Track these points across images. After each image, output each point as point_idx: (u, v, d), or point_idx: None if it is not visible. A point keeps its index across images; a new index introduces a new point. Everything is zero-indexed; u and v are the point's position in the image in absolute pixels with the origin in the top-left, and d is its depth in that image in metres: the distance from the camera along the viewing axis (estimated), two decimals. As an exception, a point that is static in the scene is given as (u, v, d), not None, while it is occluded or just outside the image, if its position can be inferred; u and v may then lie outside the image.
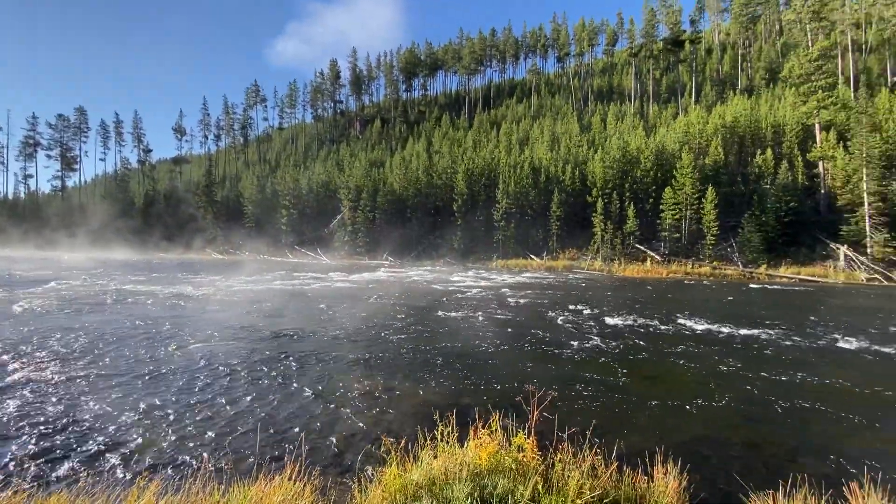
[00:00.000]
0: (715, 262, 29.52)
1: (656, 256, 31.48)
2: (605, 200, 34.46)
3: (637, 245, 32.77)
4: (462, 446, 3.91)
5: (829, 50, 39.26)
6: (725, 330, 11.13)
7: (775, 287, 22.69)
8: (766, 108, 39.89)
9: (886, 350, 9.26)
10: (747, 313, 13.93)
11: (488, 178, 41.02)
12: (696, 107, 47.18)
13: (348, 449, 4.83)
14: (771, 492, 3.52)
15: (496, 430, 4.14)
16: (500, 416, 4.32)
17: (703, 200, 30.92)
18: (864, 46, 51.13)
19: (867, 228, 27.03)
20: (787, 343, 9.83)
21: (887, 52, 47.80)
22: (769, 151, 33.91)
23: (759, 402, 6.26)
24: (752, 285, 23.51)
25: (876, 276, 25.47)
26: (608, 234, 32.97)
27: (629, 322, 12.14)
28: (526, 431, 3.96)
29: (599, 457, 3.79)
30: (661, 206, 32.44)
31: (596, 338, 10.14)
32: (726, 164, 35.80)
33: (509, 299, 16.73)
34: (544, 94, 66.06)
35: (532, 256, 35.62)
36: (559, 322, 12.20)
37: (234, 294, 17.36)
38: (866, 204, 27.35)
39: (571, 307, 14.77)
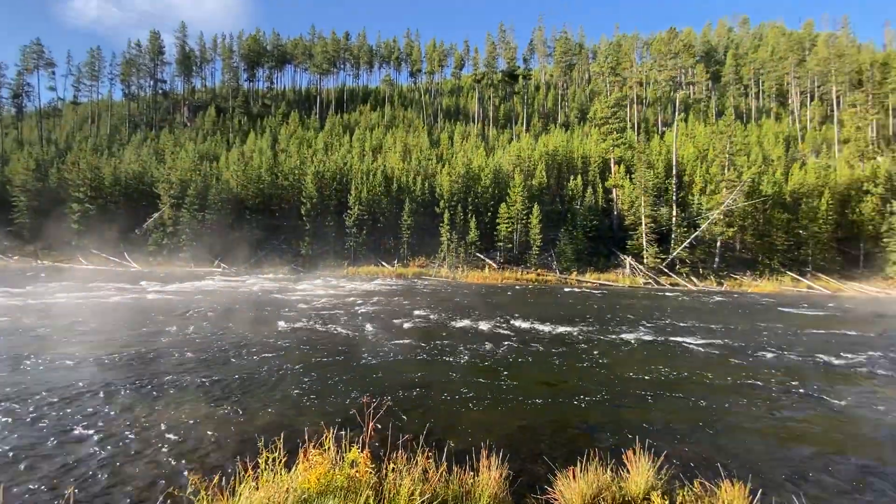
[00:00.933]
0: (539, 270, 33.94)
1: (493, 264, 34.72)
2: (452, 212, 36.69)
3: (478, 254, 35.66)
4: (291, 471, 3.56)
5: (621, 100, 49.19)
6: (545, 328, 12.72)
7: (583, 290, 27.10)
8: (578, 142, 47.85)
9: (655, 338, 11.74)
10: (560, 313, 16.23)
11: (340, 182, 39.89)
12: (527, 135, 54.00)
13: (146, 498, 3.93)
14: (571, 468, 3.99)
15: (329, 448, 3.88)
16: (334, 432, 4.06)
17: (531, 216, 35.36)
18: (644, 100, 65.46)
19: (644, 243, 34.42)
20: (589, 337, 11.70)
21: (659, 107, 62.21)
22: (579, 178, 40.66)
23: (565, 390, 7.21)
24: (566, 289, 27.65)
25: (650, 280, 32.54)
26: (454, 244, 35.12)
27: (468, 325, 12.95)
28: (360, 445, 3.79)
29: (431, 460, 3.83)
30: (497, 220, 35.99)
31: (439, 342, 10.51)
32: (548, 185, 41.67)
33: (358, 308, 16.35)
34: (397, 105, 67.57)
35: (384, 264, 35.75)
36: (405, 328, 12.34)
37: (-16, 312, 13.09)
38: (643, 224, 34.82)
39: (418, 313, 15.13)
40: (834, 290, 31.76)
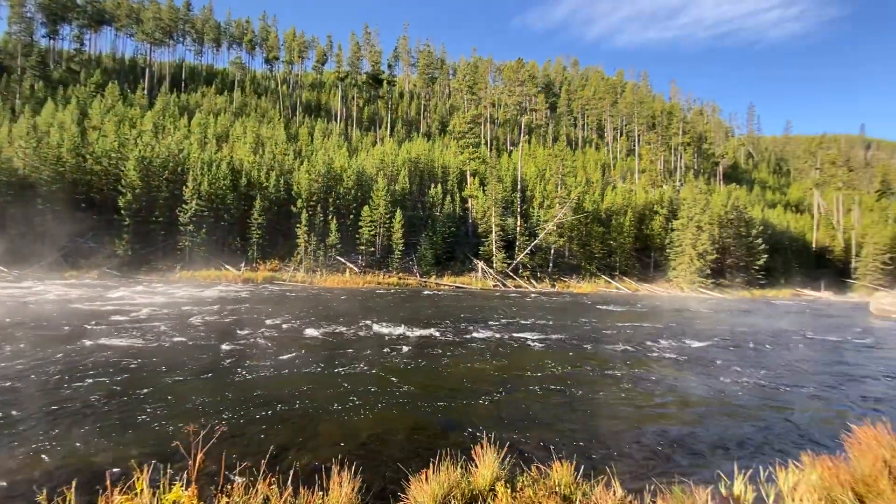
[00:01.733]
0: (400, 273, 34.41)
1: (355, 268, 34.01)
2: (310, 213, 34.81)
3: (338, 257, 34.51)
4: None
5: (477, 117, 53.22)
6: (405, 331, 12.84)
7: (441, 293, 28.33)
8: (439, 152, 50.17)
9: (503, 336, 12.81)
10: (420, 316, 16.64)
11: (174, 172, 34.40)
12: (391, 140, 54.58)
13: None
14: (424, 470, 3.99)
15: (142, 490, 3.16)
16: (149, 470, 3.34)
17: (393, 220, 35.69)
18: (496, 120, 71.92)
19: (494, 249, 37.64)
20: (446, 337, 12.19)
21: (508, 128, 69.02)
22: (439, 186, 42.60)
23: (423, 392, 7.32)
24: (425, 292, 28.57)
25: (498, 283, 35.67)
26: (312, 246, 33.33)
27: (325, 333, 12.31)
28: (185, 481, 3.20)
29: (274, 486, 3.44)
30: (360, 223, 35.40)
31: (288, 353, 9.72)
32: (411, 191, 42.68)
33: (194, 319, 14.18)
34: (249, 92, 61.60)
35: (227, 267, 31.94)
36: (249, 340, 11.12)
37: None
38: (493, 232, 38.08)
39: (269, 322, 13.83)
40: (633, 290, 39.29)
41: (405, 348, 10.82)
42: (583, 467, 4.19)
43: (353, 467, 3.82)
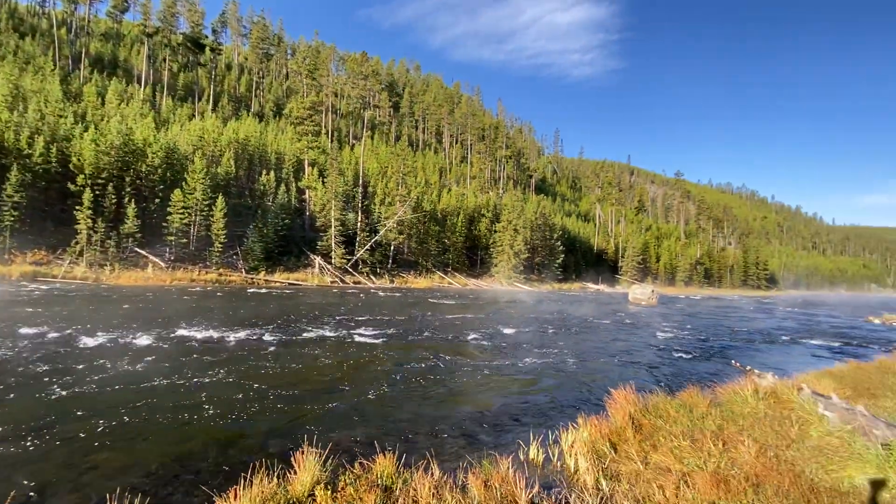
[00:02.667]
0: (221, 269, 30.48)
1: (160, 262, 28.75)
2: (98, 192, 28.03)
3: (138, 249, 28.69)
4: None
5: (318, 105, 50.60)
6: (222, 335, 11.36)
7: (271, 291, 26.10)
8: (273, 136, 46.11)
9: (338, 334, 12.43)
10: (242, 317, 14.99)
11: None
12: (213, 115, 47.83)
13: None
14: (233, 488, 3.56)
15: None
16: None
17: (214, 208, 31.37)
18: (339, 111, 69.67)
19: (333, 244, 36.44)
20: (273, 339, 11.23)
21: (350, 120, 67.56)
22: (272, 174, 39.18)
23: (237, 401, 6.54)
24: (251, 290, 25.93)
25: (336, 279, 34.67)
26: (99, 234, 26.91)
27: (108, 343, 10.06)
28: None
29: None
30: (169, 209, 30.03)
31: (56, 373, 7.60)
32: (237, 177, 38.20)
33: None
34: (6, 28, 46.43)
35: (-43, 258, 23.43)
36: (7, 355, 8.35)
37: None
38: (333, 226, 36.86)
39: (25, 332, 10.60)
40: (463, 285, 42.90)
41: (223, 354, 9.62)
42: (404, 457, 4.35)
43: (142, 499, 3.20)
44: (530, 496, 3.75)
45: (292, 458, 4.05)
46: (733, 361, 11.11)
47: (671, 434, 5.23)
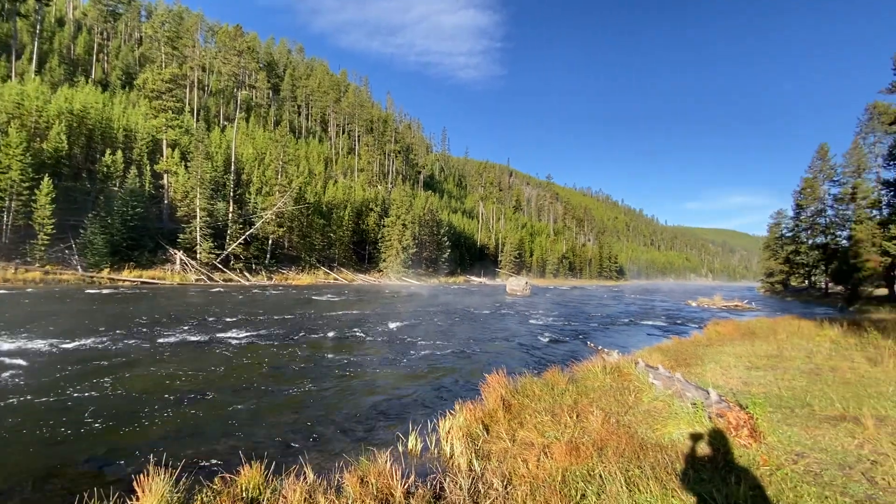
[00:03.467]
0: (49, 266, 25.13)
1: (-45, 257, 22.63)
2: None
3: (-83, 240, 22.16)
4: None
5: (180, 78, 44.43)
6: (46, 347, 9.36)
7: (119, 290, 22.33)
8: (121, 110, 39.31)
9: (202, 339, 11.11)
10: (75, 324, 12.57)
11: None
12: (37, 78, 38.99)
13: None
14: None
15: None
16: None
17: (38, 192, 25.69)
18: (206, 88, 62.15)
19: (198, 237, 32.52)
20: (113, 349, 9.60)
21: (221, 99, 60.77)
22: (119, 154, 33.44)
23: (56, 427, 5.45)
24: (90, 290, 21.88)
25: (203, 276, 31.05)
26: None
27: None
28: None
29: None
30: (-32, 190, 23.74)
31: None
32: (71, 155, 31.77)
33: None
34: None
35: None
36: None
37: None
38: (199, 217, 32.89)
39: None
40: (350, 280, 41.85)
41: (48, 368, 7.95)
42: (274, 464, 4.08)
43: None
44: (406, 486, 3.80)
45: (135, 483, 3.52)
46: (588, 342, 12.69)
47: (535, 411, 5.77)
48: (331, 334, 12.95)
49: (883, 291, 31.75)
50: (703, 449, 4.27)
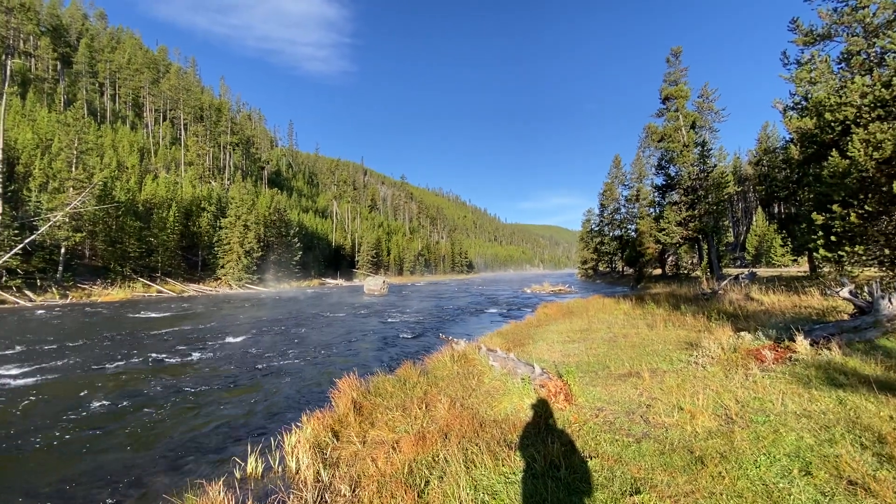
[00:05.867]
0: None
1: None
2: None
3: None
4: None
5: None
6: None
7: None
8: None
9: (-61, 386, 8.24)
10: None
11: None
12: None
13: None
14: None
15: None
16: None
17: None
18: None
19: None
20: None
21: (-26, 67, 46.23)
22: None
23: None
24: None
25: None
26: None
27: None
28: None
29: None
30: None
31: None
32: None
33: None
34: None
35: None
36: None
37: None
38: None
39: None
40: (179, 292, 36.19)
41: None
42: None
43: None
44: (241, 514, 3.44)
45: None
46: (440, 334, 13.37)
47: (387, 408, 5.81)
48: (150, 357, 10.99)
49: (658, 271, 40.84)
50: (529, 417, 4.86)
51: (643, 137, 45.86)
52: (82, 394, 7.86)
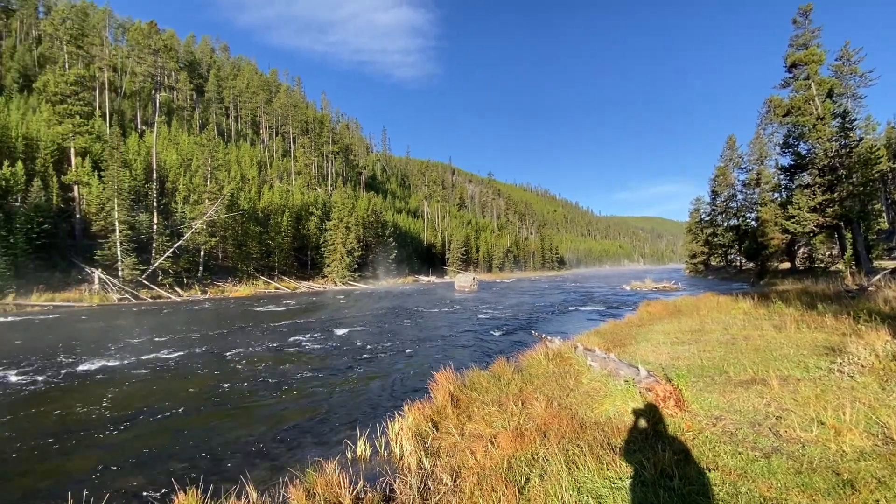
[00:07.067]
0: (-65, 296, 21.95)
1: None
2: None
3: None
4: None
5: (87, 79, 40.44)
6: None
7: (26, 318, 19.98)
8: (19, 116, 35.12)
9: (122, 363, 10.21)
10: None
11: None
12: None
13: None
14: None
15: None
16: None
17: (-86, 211, 22.32)
18: (120, 90, 57.07)
19: (119, 253, 29.84)
20: (25, 383, 8.60)
21: (138, 102, 56.05)
22: (20, 164, 29.84)
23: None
24: (-9, 320, 19.41)
25: (127, 296, 28.54)
26: None
27: None
28: None
29: None
30: None
31: None
32: (-43, 167, 27.90)
33: None
34: None
35: None
36: None
37: None
38: (118, 231, 30.18)
39: None
40: (293, 289, 40.31)
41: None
42: (212, 487, 3.86)
43: None
44: (355, 493, 3.75)
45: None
46: (533, 332, 13.16)
47: (483, 403, 5.89)
48: (272, 345, 12.42)
49: (786, 265, 35.64)
50: (634, 422, 4.58)
51: (763, 113, 40.30)
52: (217, 375, 9.16)
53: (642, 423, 4.53)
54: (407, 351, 11.50)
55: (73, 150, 33.78)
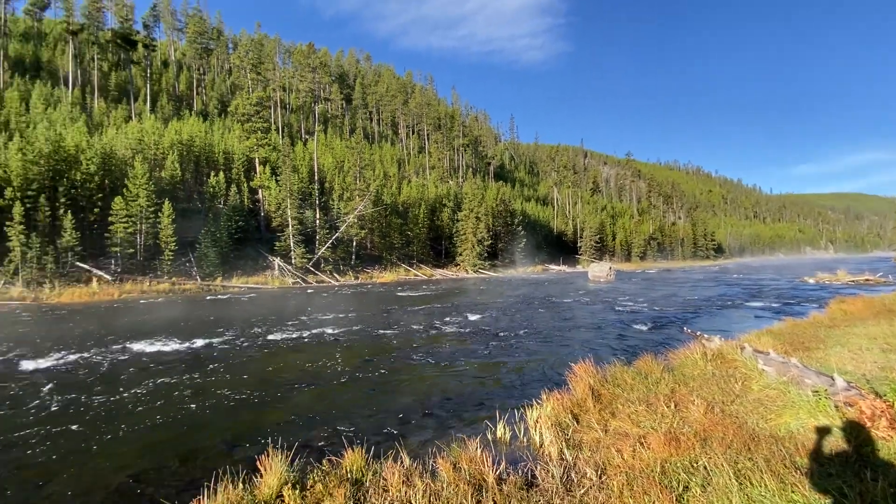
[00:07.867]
0: (174, 278, 29.06)
1: (105, 276, 27.03)
2: (29, 206, 25.90)
3: (79, 263, 26.83)
4: None
5: (265, 100, 48.66)
6: (176, 346, 10.90)
7: (230, 296, 25.19)
8: (219, 136, 44.06)
9: (302, 334, 12.20)
10: (200, 325, 14.42)
11: None
12: (152, 116, 45.05)
13: None
14: (197, 498, 3.51)
15: None
16: None
17: (160, 214, 29.77)
18: (288, 106, 67.34)
19: (292, 244, 35.51)
20: (233, 346, 10.88)
21: (301, 115, 65.50)
22: (221, 174, 37.52)
23: (193, 414, 6.34)
24: (208, 297, 24.93)
25: (298, 279, 33.88)
26: (35, 250, 24.94)
27: (49, 365, 9.42)
28: None
29: None
30: (111, 218, 28.20)
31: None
32: (183, 180, 36.35)
33: None
34: None
35: None
36: None
37: None
38: (290, 225, 35.88)
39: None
40: (429, 276, 43.00)
41: (181, 365, 9.24)
42: (373, 449, 4.37)
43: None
44: (497, 473, 3.87)
45: (258, 462, 3.99)
46: (685, 328, 11.78)
47: (628, 401, 5.52)
48: (415, 327, 13.45)
49: None
50: (830, 441, 3.80)
51: None
52: (371, 350, 10.29)
53: (840, 443, 3.74)
54: (539, 339, 11.37)
55: (257, 160, 41.13)
